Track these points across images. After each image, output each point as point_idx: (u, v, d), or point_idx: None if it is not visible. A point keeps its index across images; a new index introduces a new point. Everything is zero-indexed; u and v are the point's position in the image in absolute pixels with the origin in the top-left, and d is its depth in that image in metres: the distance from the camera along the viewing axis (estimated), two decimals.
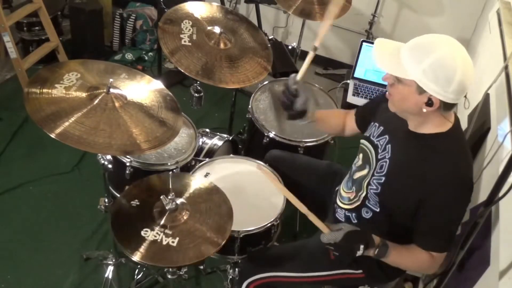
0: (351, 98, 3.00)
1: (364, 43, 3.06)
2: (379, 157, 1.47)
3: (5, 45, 2.79)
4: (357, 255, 1.36)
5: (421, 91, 1.27)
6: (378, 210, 1.47)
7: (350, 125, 1.73)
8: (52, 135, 1.29)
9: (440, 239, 1.39)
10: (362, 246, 1.36)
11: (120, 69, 1.61)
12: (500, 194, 1.31)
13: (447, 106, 1.30)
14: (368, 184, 1.48)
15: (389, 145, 1.45)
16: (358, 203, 1.53)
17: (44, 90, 1.40)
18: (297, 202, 1.41)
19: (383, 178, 1.43)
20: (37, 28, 3.12)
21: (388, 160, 1.43)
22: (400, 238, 1.43)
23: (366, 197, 1.49)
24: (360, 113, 1.71)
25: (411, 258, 1.44)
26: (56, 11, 3.25)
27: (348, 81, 3.07)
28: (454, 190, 1.33)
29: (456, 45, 1.28)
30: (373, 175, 1.47)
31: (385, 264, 1.46)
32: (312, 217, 1.40)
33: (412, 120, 1.40)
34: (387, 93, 1.40)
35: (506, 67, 1.76)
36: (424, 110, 1.30)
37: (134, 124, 1.42)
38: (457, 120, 1.39)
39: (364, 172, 1.52)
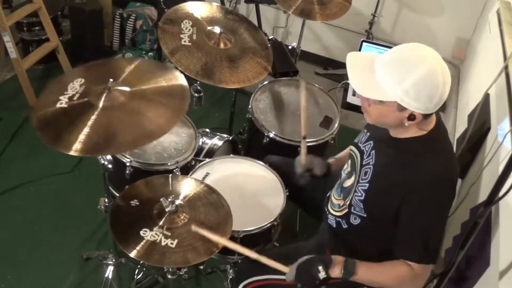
0: (351, 98, 3.00)
1: (364, 43, 3.06)
2: (363, 163, 1.46)
3: (5, 45, 2.79)
4: (321, 277, 1.33)
5: (402, 108, 1.26)
6: (365, 215, 1.45)
7: None
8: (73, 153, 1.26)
9: (416, 246, 1.33)
10: (320, 267, 1.34)
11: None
12: (500, 194, 1.31)
13: (427, 115, 1.30)
14: (354, 191, 1.46)
15: (373, 151, 1.44)
16: (346, 210, 1.51)
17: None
18: (243, 249, 1.41)
19: (367, 185, 1.42)
20: (37, 28, 3.12)
21: (372, 167, 1.42)
22: (389, 248, 1.40)
23: (351, 204, 1.48)
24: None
25: (385, 272, 1.39)
26: (56, 11, 3.25)
27: (348, 81, 3.07)
28: (431, 191, 1.30)
29: (435, 57, 1.25)
30: (358, 182, 1.45)
31: None
32: (266, 260, 1.38)
33: (391, 129, 1.39)
34: (362, 107, 1.37)
35: (506, 67, 1.76)
36: (406, 124, 1.30)
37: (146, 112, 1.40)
38: (438, 121, 1.38)
39: (352, 179, 1.51)
